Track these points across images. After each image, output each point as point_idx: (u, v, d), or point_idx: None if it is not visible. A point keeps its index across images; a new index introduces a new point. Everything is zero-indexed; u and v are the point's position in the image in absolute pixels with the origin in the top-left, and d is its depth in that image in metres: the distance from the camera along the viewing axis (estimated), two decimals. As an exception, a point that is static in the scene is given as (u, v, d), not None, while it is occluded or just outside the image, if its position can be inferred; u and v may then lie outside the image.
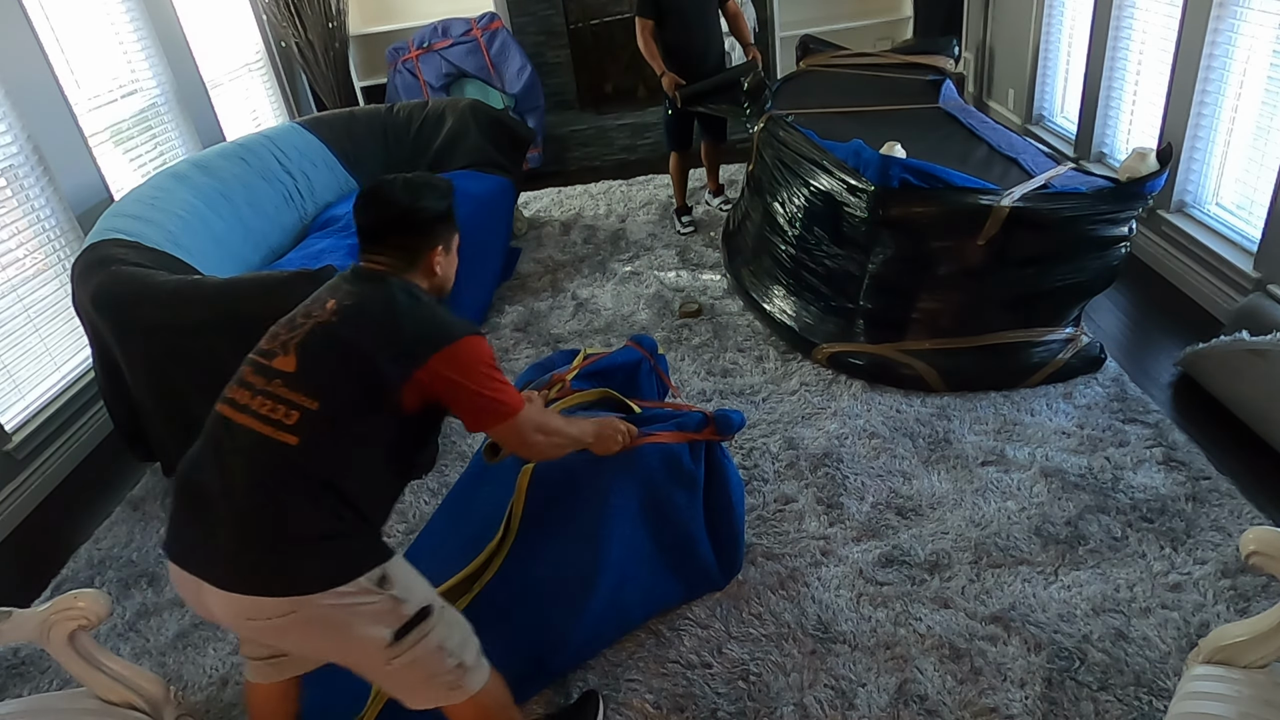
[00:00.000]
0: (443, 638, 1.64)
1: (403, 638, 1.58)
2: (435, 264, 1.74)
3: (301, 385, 1.54)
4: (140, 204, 3.39)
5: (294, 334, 1.60)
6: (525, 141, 4.75)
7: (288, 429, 1.51)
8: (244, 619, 1.54)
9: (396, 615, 1.57)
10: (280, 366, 1.57)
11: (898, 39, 5.98)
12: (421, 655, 1.60)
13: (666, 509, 2.23)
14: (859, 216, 3.14)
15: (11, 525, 3.17)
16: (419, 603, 1.61)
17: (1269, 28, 3.05)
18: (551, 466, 2.11)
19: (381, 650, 1.57)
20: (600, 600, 2.16)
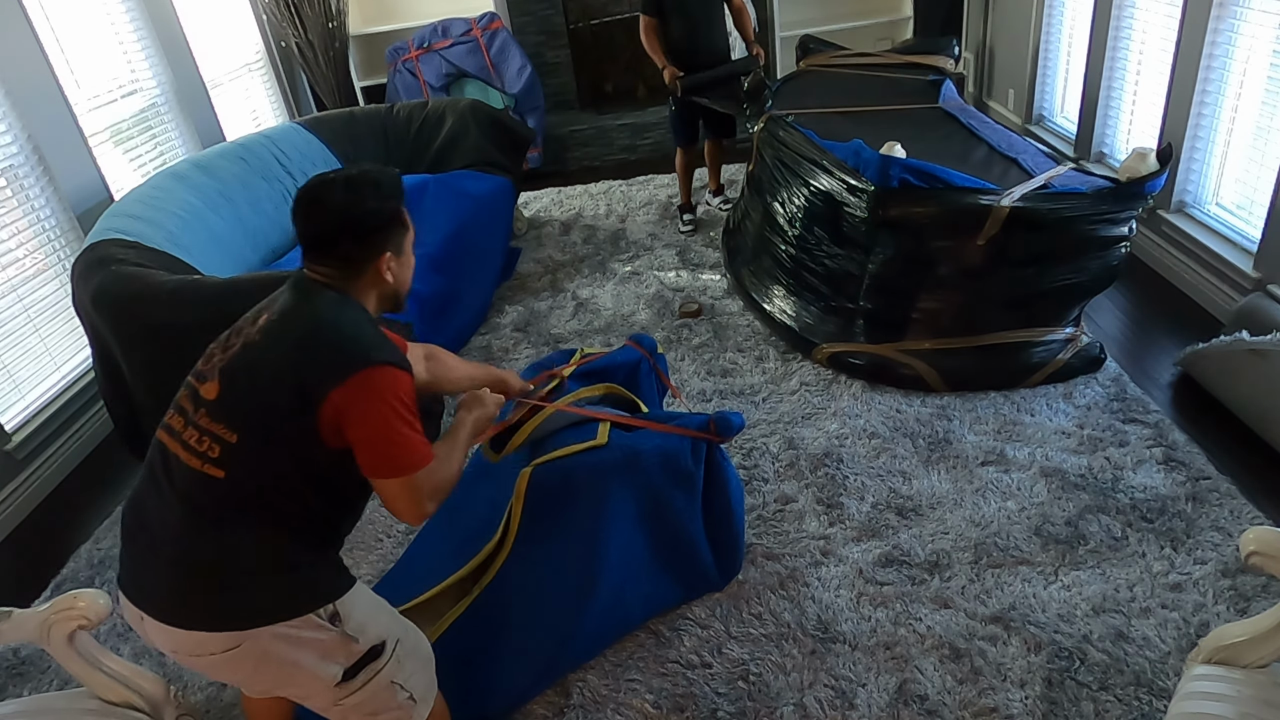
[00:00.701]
0: (394, 673, 1.58)
1: (353, 676, 1.52)
2: (386, 271, 1.57)
3: (222, 416, 1.46)
4: (140, 204, 3.39)
5: (224, 356, 1.51)
6: (525, 141, 4.75)
7: (213, 462, 1.44)
8: (186, 654, 1.49)
9: (348, 653, 1.51)
10: (206, 394, 1.48)
11: (898, 39, 5.98)
12: (371, 694, 1.56)
13: (666, 511, 2.23)
14: (859, 216, 3.14)
15: (11, 525, 3.17)
16: (372, 639, 1.55)
17: (1269, 28, 3.04)
18: (550, 470, 2.11)
19: (330, 689, 1.52)
20: (601, 603, 2.16)
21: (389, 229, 1.58)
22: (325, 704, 1.57)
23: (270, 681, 1.55)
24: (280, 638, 1.45)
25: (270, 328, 1.50)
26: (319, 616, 1.48)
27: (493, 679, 2.09)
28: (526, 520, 2.10)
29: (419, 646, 1.68)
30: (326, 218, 1.54)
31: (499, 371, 2.09)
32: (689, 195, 4.79)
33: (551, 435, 2.22)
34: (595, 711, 2.13)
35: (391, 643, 1.59)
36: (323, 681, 1.51)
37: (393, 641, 1.59)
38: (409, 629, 1.67)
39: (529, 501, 2.10)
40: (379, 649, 1.56)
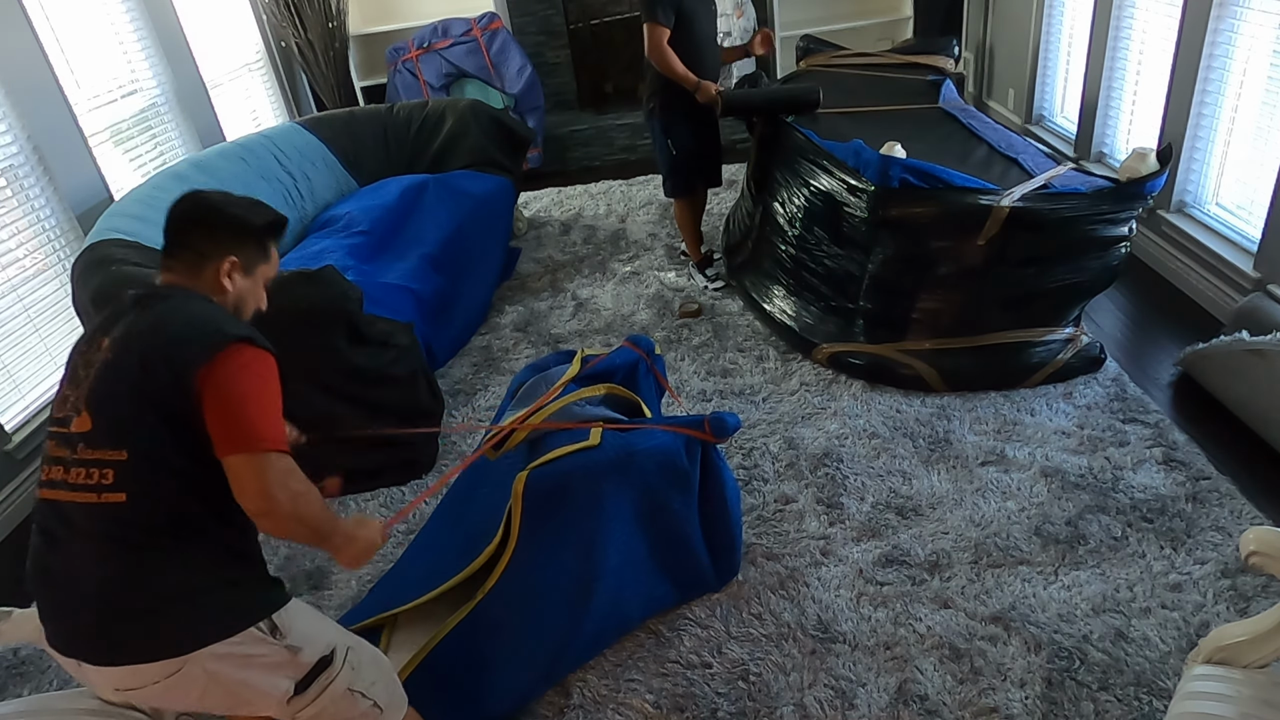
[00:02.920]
0: (350, 681, 1.56)
1: (305, 689, 1.50)
2: (225, 278, 1.55)
3: (102, 439, 1.40)
4: (140, 204, 3.39)
5: (80, 390, 1.44)
6: (525, 141, 4.75)
7: (109, 489, 1.39)
8: (128, 690, 1.44)
9: (295, 665, 1.49)
10: (78, 429, 1.42)
11: (898, 39, 5.97)
12: (329, 703, 1.53)
13: (662, 513, 2.22)
14: (859, 216, 3.14)
15: (11, 525, 3.17)
16: (320, 650, 1.52)
17: (1269, 28, 3.04)
18: (546, 472, 2.10)
19: (284, 705, 1.50)
20: (600, 605, 2.16)
21: (243, 239, 1.59)
22: (285, 717, 1.54)
23: (221, 703, 1.49)
24: (222, 658, 1.41)
25: (117, 341, 1.45)
26: (260, 631, 1.44)
27: (493, 683, 2.09)
28: (525, 523, 2.10)
29: (375, 655, 1.65)
30: (190, 207, 1.58)
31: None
32: (700, 246, 4.16)
33: (547, 435, 2.22)
34: (595, 711, 2.13)
35: (341, 651, 1.56)
36: (274, 697, 1.48)
37: (342, 650, 1.56)
38: (359, 639, 1.64)
39: (527, 504, 2.09)
40: (328, 659, 1.53)
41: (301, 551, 2.79)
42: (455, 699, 2.01)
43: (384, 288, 3.41)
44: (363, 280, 3.13)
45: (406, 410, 3.09)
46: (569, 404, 2.30)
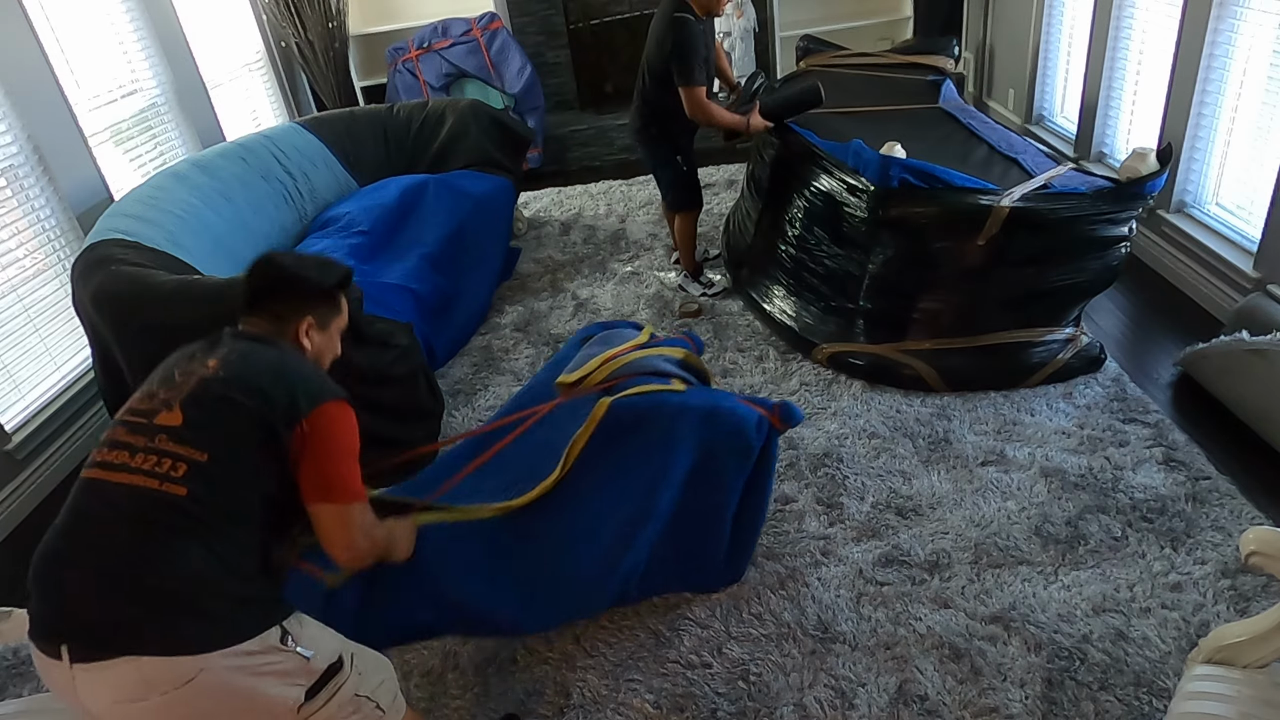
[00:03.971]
0: (357, 686, 1.59)
1: (315, 695, 1.51)
2: (304, 336, 1.72)
3: (189, 439, 1.47)
4: (140, 204, 3.39)
5: (174, 391, 1.53)
6: (525, 141, 4.75)
7: (175, 481, 1.44)
8: (129, 699, 1.36)
9: (306, 672, 1.50)
10: (164, 422, 1.49)
11: (898, 39, 5.97)
12: (337, 710, 1.55)
13: (711, 481, 2.20)
14: (859, 217, 3.14)
15: (11, 525, 3.17)
16: (329, 656, 1.54)
17: (1269, 28, 3.05)
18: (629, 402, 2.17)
19: (294, 713, 1.50)
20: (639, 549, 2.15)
21: (318, 300, 1.75)
22: None
23: (233, 713, 1.46)
24: (237, 668, 1.40)
25: (231, 364, 1.58)
26: (270, 637, 1.45)
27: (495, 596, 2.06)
28: (594, 446, 2.12)
29: (376, 659, 1.69)
30: (270, 272, 1.73)
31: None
32: (694, 258, 4.17)
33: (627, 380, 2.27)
34: (595, 711, 2.13)
35: (348, 657, 1.59)
36: (285, 706, 1.48)
37: (349, 656, 1.59)
38: (360, 646, 1.67)
39: (602, 428, 2.12)
40: (337, 665, 1.55)
41: (301, 551, 2.79)
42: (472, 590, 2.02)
43: (384, 288, 3.41)
44: (363, 280, 3.13)
45: (406, 410, 3.09)
46: (651, 356, 2.33)
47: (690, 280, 4.15)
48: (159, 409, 1.52)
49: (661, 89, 3.59)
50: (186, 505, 1.43)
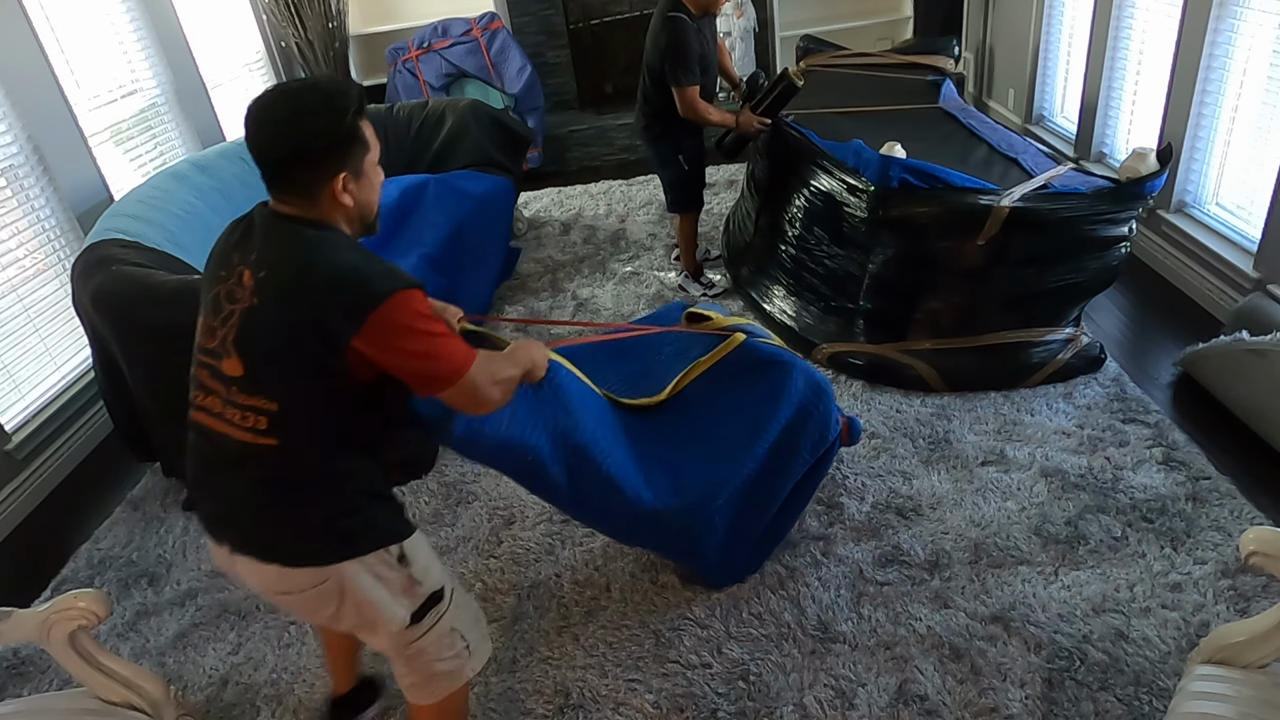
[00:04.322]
0: (454, 620, 1.70)
1: (420, 619, 1.64)
2: (341, 195, 1.48)
3: (255, 389, 1.46)
4: (140, 204, 3.39)
5: (227, 327, 1.48)
6: (525, 141, 4.74)
7: (263, 434, 1.46)
8: (275, 592, 1.59)
9: (414, 594, 1.62)
10: (230, 371, 1.48)
11: (898, 39, 5.98)
12: (436, 638, 1.67)
13: (787, 457, 2.27)
14: (859, 216, 3.14)
15: (11, 525, 3.17)
16: (434, 585, 1.66)
17: (1269, 28, 3.05)
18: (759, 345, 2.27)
19: (400, 632, 1.63)
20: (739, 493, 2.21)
21: (342, 148, 1.47)
22: (398, 646, 1.66)
23: (352, 621, 1.62)
24: (358, 575, 1.54)
25: (263, 286, 1.45)
26: (389, 554, 1.58)
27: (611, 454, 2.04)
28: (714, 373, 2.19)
29: (471, 602, 1.81)
30: (277, 141, 1.46)
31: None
32: (695, 258, 4.17)
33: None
34: (595, 711, 2.13)
35: (449, 590, 1.70)
36: (394, 623, 1.61)
37: (449, 589, 1.70)
38: (461, 588, 1.78)
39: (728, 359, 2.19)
40: (439, 594, 1.67)
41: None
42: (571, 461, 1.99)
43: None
44: (363, 280, 3.12)
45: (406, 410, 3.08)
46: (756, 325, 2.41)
47: (690, 280, 4.15)
48: (221, 353, 1.49)
49: (660, 88, 3.60)
50: (283, 452, 1.48)
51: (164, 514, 3.09)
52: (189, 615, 2.60)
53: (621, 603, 2.43)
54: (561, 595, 2.47)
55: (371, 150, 1.53)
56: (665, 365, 2.37)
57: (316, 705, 2.25)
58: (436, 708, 1.76)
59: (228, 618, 2.57)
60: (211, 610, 2.61)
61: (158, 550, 2.91)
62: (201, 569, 2.79)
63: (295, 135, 1.45)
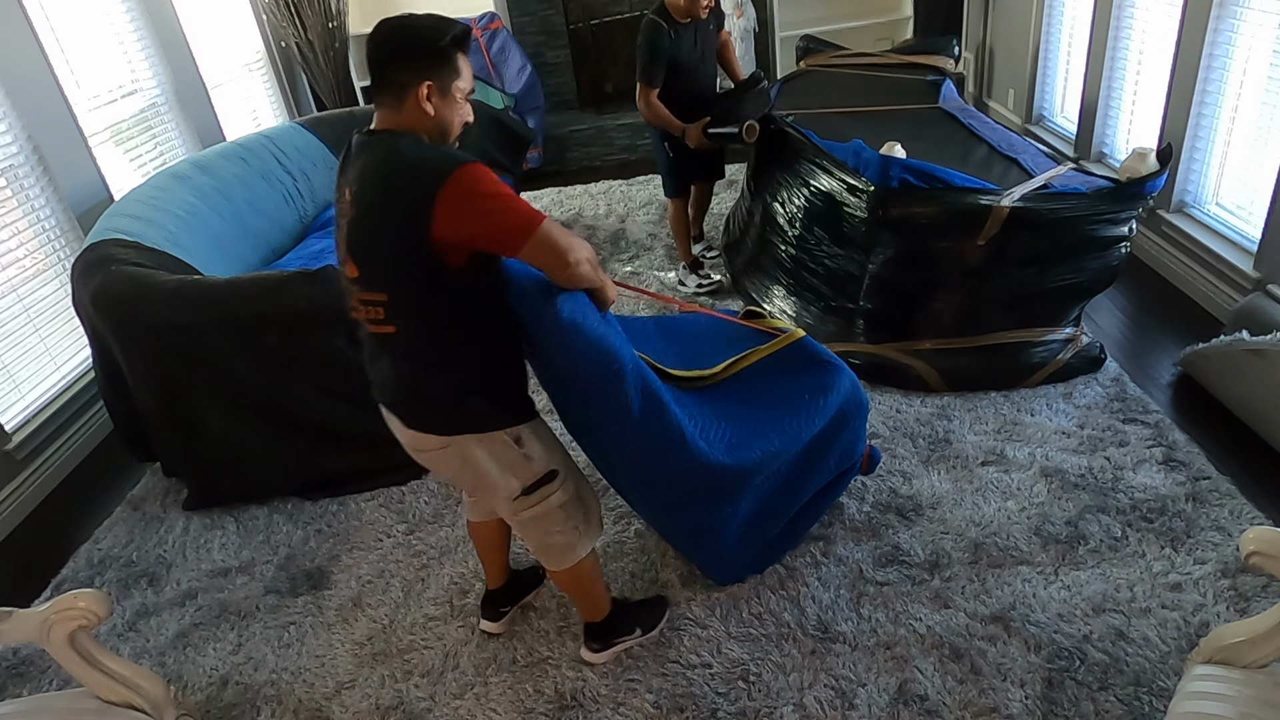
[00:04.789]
0: (563, 500, 1.95)
1: (530, 493, 1.89)
2: (425, 103, 1.66)
3: (367, 284, 1.69)
4: (140, 204, 3.39)
5: (341, 238, 1.72)
6: (525, 141, 4.75)
7: (383, 322, 1.71)
8: (413, 449, 1.89)
9: (527, 471, 1.87)
10: (351, 275, 1.71)
11: (898, 39, 5.98)
12: (544, 513, 1.94)
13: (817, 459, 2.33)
14: (859, 217, 3.14)
15: (11, 525, 3.17)
16: (545, 466, 1.90)
17: (1269, 28, 3.05)
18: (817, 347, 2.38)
19: (511, 500, 1.90)
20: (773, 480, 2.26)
21: (433, 60, 1.67)
22: (509, 512, 1.95)
23: (470, 484, 1.95)
24: (475, 447, 1.81)
25: (357, 198, 1.66)
26: (507, 436, 1.83)
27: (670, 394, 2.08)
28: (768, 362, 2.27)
29: (587, 488, 2.05)
30: (387, 41, 1.68)
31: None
32: (690, 249, 4.23)
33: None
34: (595, 711, 2.13)
35: (562, 473, 1.95)
36: (507, 490, 1.88)
37: (564, 473, 1.95)
38: (579, 475, 2.03)
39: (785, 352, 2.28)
40: (551, 475, 1.91)
41: (302, 551, 2.80)
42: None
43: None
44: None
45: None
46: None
47: (688, 272, 4.19)
48: (343, 260, 1.73)
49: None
50: (402, 338, 1.72)
51: (164, 514, 3.09)
52: (189, 615, 2.60)
53: (621, 603, 2.43)
54: (562, 595, 2.47)
55: (460, 79, 1.72)
56: (715, 350, 2.41)
57: (317, 705, 2.26)
58: (567, 574, 2.08)
59: (228, 618, 2.57)
60: (211, 610, 2.61)
61: (158, 550, 2.91)
62: (201, 569, 2.79)
63: (400, 38, 1.68)
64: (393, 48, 1.67)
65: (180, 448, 3.03)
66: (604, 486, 2.85)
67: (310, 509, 2.98)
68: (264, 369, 2.84)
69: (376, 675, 2.31)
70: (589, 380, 1.91)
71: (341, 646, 2.42)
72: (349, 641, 2.43)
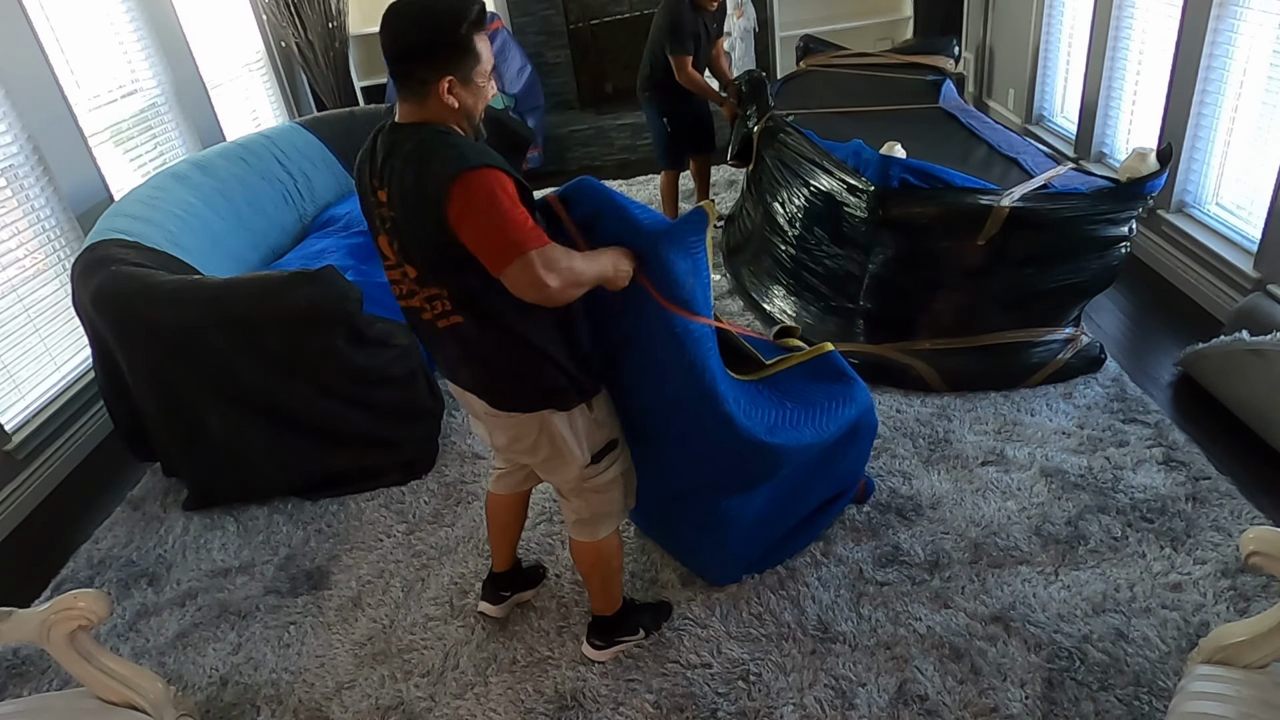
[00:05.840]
0: (621, 468, 2.01)
1: (598, 461, 1.94)
2: (446, 96, 1.62)
3: (429, 282, 1.70)
4: (140, 204, 3.39)
5: (391, 240, 1.71)
6: (525, 141, 4.73)
7: (451, 314, 1.72)
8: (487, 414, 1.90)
9: (595, 437, 1.92)
10: (410, 274, 1.72)
11: (898, 39, 5.98)
12: (608, 481, 1.99)
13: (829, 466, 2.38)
14: (859, 216, 3.14)
15: (11, 525, 3.17)
16: (610, 433, 1.97)
17: (1269, 28, 3.05)
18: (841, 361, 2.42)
19: (581, 468, 1.94)
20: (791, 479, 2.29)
21: (453, 53, 1.62)
22: (576, 482, 1.97)
23: (545, 452, 1.91)
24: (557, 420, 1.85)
25: (394, 200, 1.65)
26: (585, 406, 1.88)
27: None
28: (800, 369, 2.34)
29: (629, 461, 2.08)
30: (399, 39, 1.63)
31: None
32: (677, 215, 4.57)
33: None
34: (595, 711, 2.13)
35: (621, 440, 2.01)
36: (578, 461, 1.92)
37: (621, 440, 2.02)
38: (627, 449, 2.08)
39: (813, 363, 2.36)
40: (614, 443, 1.98)
41: (302, 551, 2.80)
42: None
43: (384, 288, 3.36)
44: (363, 280, 3.13)
45: (406, 410, 3.09)
46: None
47: None
48: (399, 263, 1.72)
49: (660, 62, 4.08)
50: (471, 327, 1.73)
51: (164, 514, 3.09)
52: (189, 615, 2.60)
53: (621, 603, 2.43)
54: (561, 595, 2.47)
55: (482, 63, 1.67)
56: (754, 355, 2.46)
57: (317, 705, 2.26)
58: (595, 546, 2.09)
59: (228, 618, 2.57)
60: (211, 610, 2.61)
61: (158, 550, 2.91)
62: (201, 569, 2.79)
63: (414, 34, 1.61)
64: (408, 44, 1.61)
65: (180, 448, 3.03)
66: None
67: (310, 509, 2.99)
68: (264, 369, 2.84)
69: (376, 675, 2.31)
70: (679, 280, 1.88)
71: (341, 646, 2.42)
72: (349, 641, 2.43)
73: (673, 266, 1.84)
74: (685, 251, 1.87)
